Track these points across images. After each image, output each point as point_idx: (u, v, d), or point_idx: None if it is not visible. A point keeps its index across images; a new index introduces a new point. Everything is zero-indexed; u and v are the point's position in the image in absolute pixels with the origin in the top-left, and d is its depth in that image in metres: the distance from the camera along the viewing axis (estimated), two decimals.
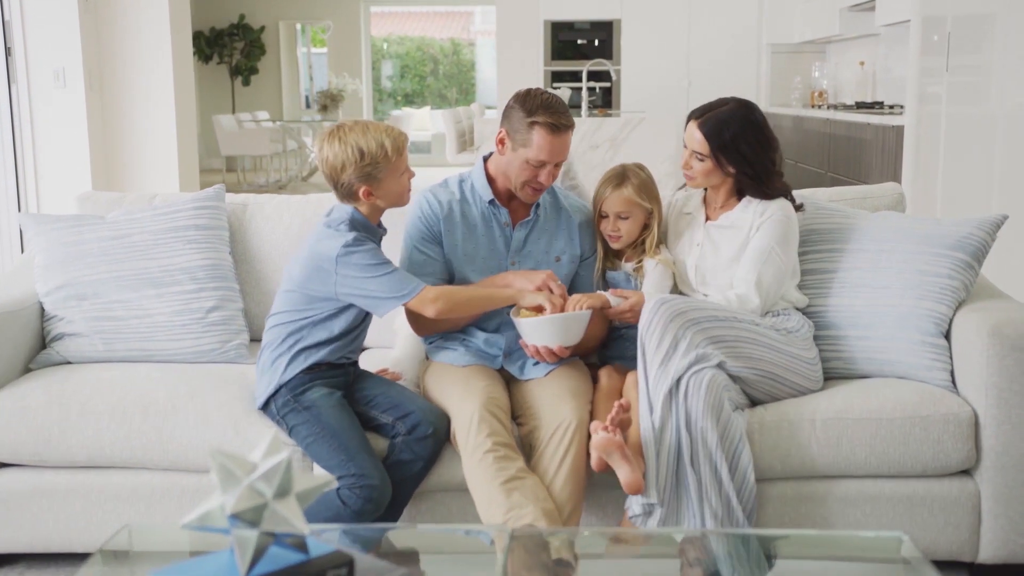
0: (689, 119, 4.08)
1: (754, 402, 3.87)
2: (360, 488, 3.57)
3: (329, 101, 18.63)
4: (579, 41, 15.12)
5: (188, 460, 3.88)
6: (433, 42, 28.79)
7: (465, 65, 28.76)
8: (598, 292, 3.99)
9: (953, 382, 3.88)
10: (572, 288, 4.15)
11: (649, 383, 3.66)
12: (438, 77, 28.96)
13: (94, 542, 3.89)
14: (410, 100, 28.60)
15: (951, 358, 3.91)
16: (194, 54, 19.99)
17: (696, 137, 4.01)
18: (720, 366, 3.69)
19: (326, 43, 22.56)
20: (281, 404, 3.77)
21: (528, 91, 3.94)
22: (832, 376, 4.07)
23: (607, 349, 4.22)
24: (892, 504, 3.78)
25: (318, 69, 22.93)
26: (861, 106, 10.67)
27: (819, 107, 12.07)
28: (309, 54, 23.09)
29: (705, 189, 4.20)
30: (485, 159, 4.12)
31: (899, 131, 8.56)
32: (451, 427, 3.75)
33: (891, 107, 10.26)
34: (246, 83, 21.50)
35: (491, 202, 4.04)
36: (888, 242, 4.10)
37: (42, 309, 4.36)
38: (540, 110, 3.83)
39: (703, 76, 14.42)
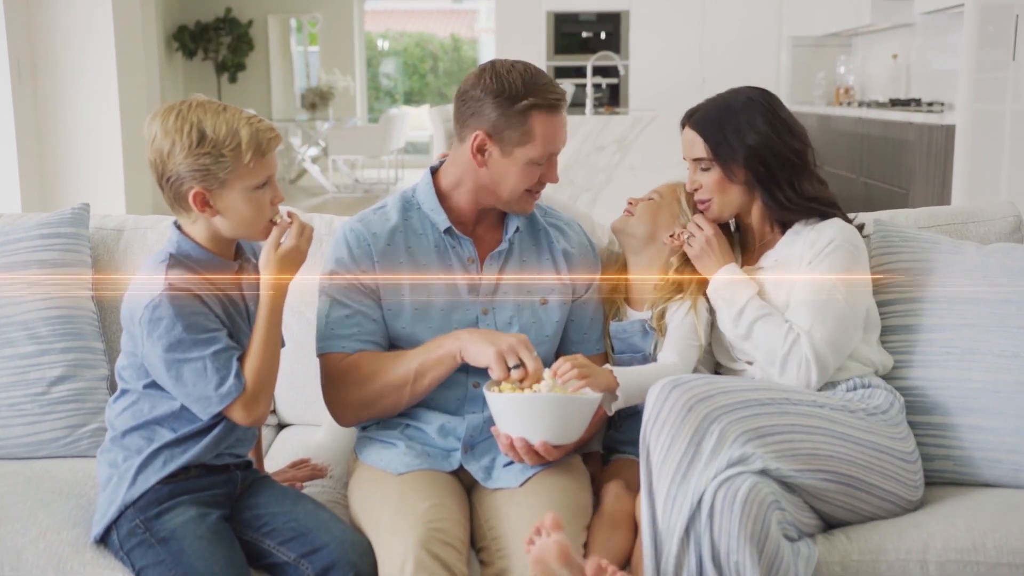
0: (682, 126, 3.21)
1: (828, 522, 2.74)
2: None
3: (318, 99, 18.02)
4: (584, 34, 14.47)
5: None
6: (432, 38, 28.25)
7: (467, 62, 28.24)
8: (606, 367, 2.91)
9: None
10: (565, 342, 3.11)
11: (657, 507, 2.54)
12: (438, 75, 28.22)
13: None
14: (408, 98, 27.77)
15: None
16: (178, 49, 19.66)
17: (690, 139, 3.15)
18: (766, 472, 2.56)
19: (317, 38, 21.72)
20: (125, 534, 2.61)
21: (492, 70, 2.89)
22: (935, 482, 2.96)
23: (616, 430, 3.11)
24: None
25: (315, 68, 22.18)
26: (896, 103, 9.82)
27: (846, 104, 11.12)
28: (306, 52, 22.28)
29: (738, 229, 3.22)
30: (433, 172, 3.06)
31: (949, 131, 7.65)
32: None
33: (930, 104, 9.45)
34: (232, 80, 20.65)
35: (447, 231, 2.97)
36: (1016, 288, 3.01)
37: None
38: (531, 90, 2.86)
39: (719, 71, 13.76)
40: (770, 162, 3.03)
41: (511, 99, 2.84)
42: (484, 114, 2.86)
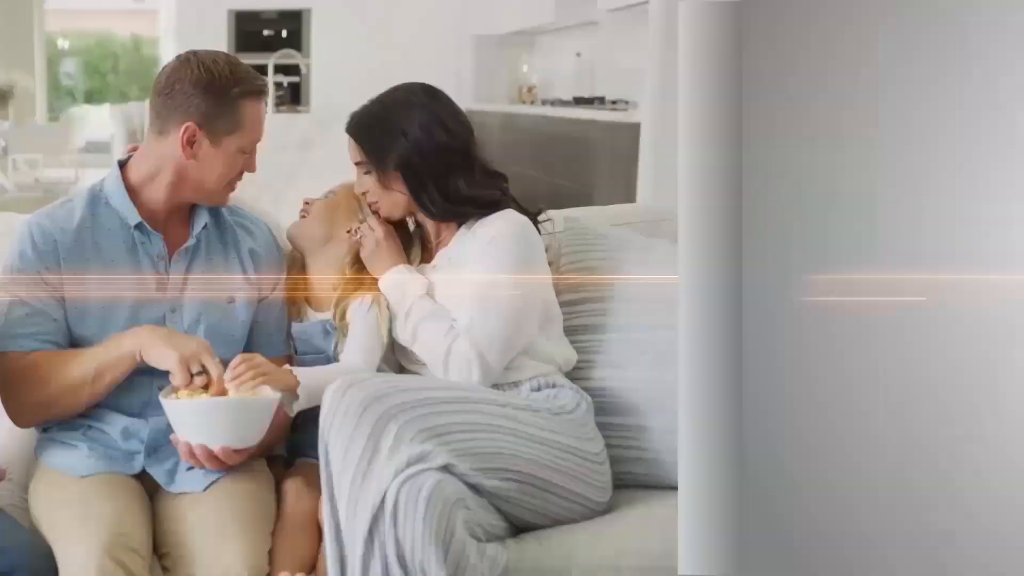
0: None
1: (517, 526, 2.69)
2: None
3: None
4: (265, 32, 14.43)
5: None
6: (114, 38, 27.63)
7: (147, 61, 27.71)
8: (286, 367, 2.81)
9: None
10: (250, 345, 2.95)
11: (340, 510, 2.45)
12: (119, 74, 27.63)
13: None
14: (89, 98, 27.23)
15: None
16: None
17: (351, 144, 3.09)
18: (448, 469, 2.47)
19: None
20: None
21: (197, 60, 2.81)
22: (628, 484, 2.90)
23: (304, 431, 2.93)
24: None
25: None
26: (580, 101, 9.92)
27: (530, 103, 11.22)
28: None
29: (418, 225, 3.14)
30: (121, 165, 2.90)
31: (634, 129, 7.74)
32: None
33: (613, 103, 9.48)
34: None
35: (138, 227, 2.82)
36: None
37: None
38: (239, 78, 2.82)
39: (401, 69, 13.42)
40: (419, 167, 2.96)
41: (222, 88, 2.77)
42: (193, 105, 2.77)
